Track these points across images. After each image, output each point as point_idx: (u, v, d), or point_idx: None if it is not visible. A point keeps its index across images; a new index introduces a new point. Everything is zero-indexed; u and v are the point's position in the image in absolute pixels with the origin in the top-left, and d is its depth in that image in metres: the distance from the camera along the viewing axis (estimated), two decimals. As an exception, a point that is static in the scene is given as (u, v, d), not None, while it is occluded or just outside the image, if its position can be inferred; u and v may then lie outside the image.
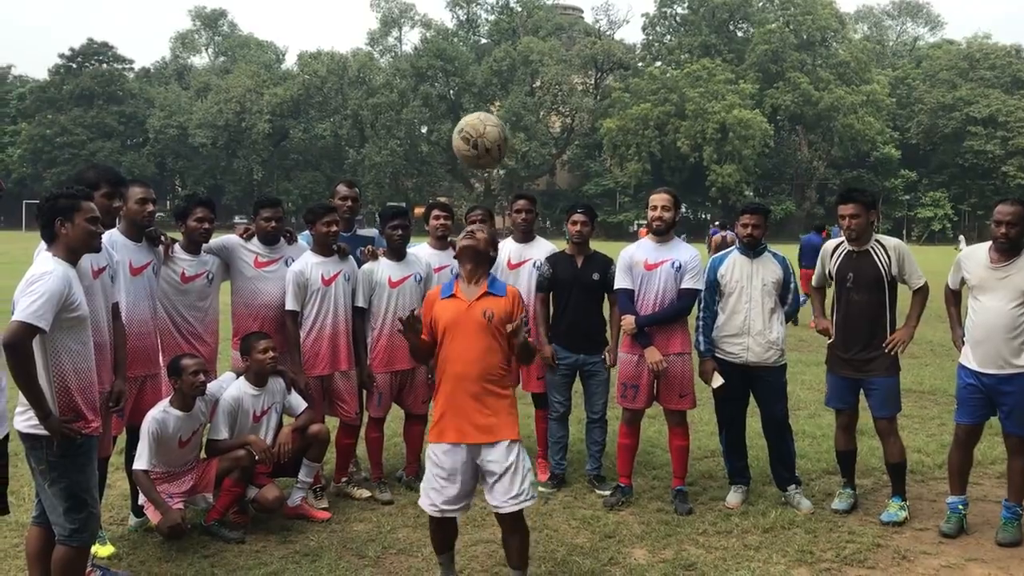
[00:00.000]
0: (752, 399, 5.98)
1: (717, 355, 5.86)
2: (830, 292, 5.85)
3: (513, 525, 4.31)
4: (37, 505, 4.10)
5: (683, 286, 5.80)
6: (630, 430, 5.98)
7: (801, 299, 6.23)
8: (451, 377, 4.24)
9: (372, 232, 6.70)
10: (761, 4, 70.77)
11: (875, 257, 5.53)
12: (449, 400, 4.24)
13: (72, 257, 3.93)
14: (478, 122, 5.10)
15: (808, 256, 14.80)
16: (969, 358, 5.29)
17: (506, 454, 4.19)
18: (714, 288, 5.88)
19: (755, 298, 5.78)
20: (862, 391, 5.65)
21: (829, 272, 5.76)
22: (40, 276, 3.73)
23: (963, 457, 5.42)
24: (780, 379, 5.88)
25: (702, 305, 5.91)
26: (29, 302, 3.65)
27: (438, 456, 4.24)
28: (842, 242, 5.71)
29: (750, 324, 5.75)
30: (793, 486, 5.89)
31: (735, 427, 6.00)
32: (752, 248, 5.87)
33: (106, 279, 4.48)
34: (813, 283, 6.04)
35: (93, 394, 3.97)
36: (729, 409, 5.96)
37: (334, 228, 5.78)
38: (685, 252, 5.87)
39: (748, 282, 5.80)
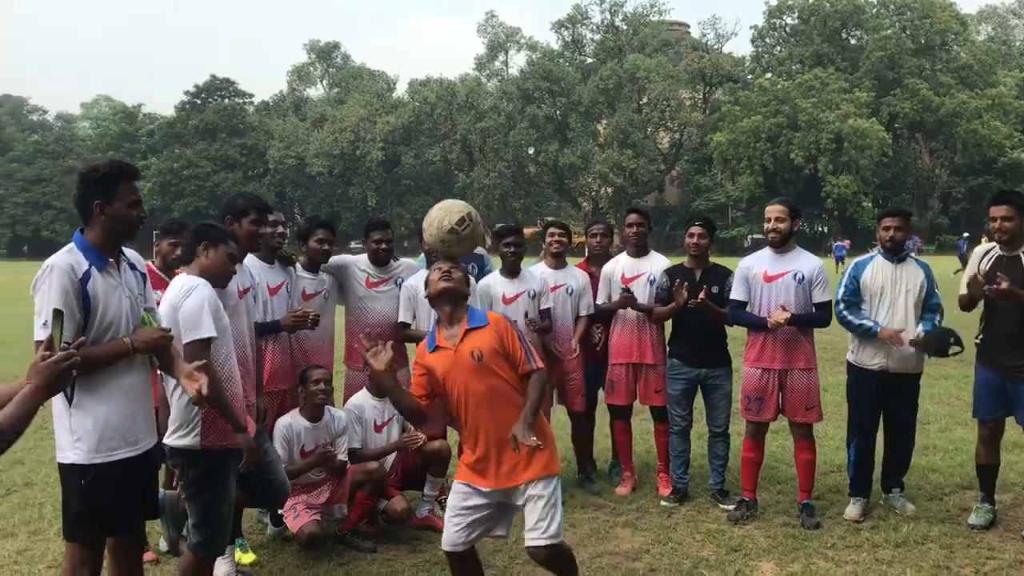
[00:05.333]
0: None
1: (854, 363, 5.75)
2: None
3: (546, 562, 4.09)
4: None
5: (815, 301, 5.70)
6: (754, 443, 5.91)
7: None
8: (472, 420, 4.05)
9: (481, 251, 6.88)
10: (875, 11, 68.53)
11: None
12: (474, 442, 4.07)
13: (213, 281, 4.15)
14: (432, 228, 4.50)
15: None
16: None
17: (529, 490, 4.01)
18: (855, 294, 5.76)
19: (898, 304, 5.65)
20: (1010, 402, 5.41)
21: (979, 275, 5.54)
22: (187, 293, 3.96)
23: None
24: (914, 388, 5.76)
25: (842, 307, 5.78)
26: (193, 320, 3.88)
27: (459, 491, 4.11)
28: (993, 247, 5.51)
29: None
30: (897, 490, 5.83)
31: (867, 437, 5.86)
32: (895, 252, 5.74)
33: (250, 299, 4.78)
34: (960, 290, 5.71)
35: (239, 406, 4.17)
36: (864, 418, 5.83)
37: None
38: (808, 262, 5.77)
39: (892, 288, 5.67)
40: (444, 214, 4.46)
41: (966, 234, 39.57)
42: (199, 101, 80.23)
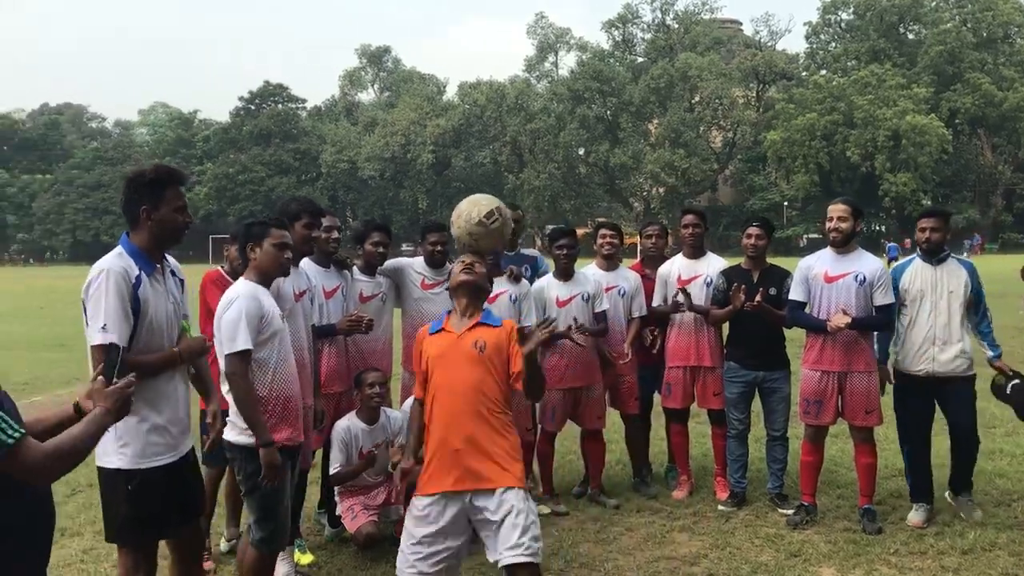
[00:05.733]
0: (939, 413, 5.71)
1: (899, 369, 5.64)
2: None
3: None
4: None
5: (877, 303, 5.59)
6: (813, 447, 5.81)
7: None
8: (440, 416, 3.83)
9: (534, 252, 6.87)
10: (934, 4, 67.13)
11: None
12: (439, 444, 3.79)
13: (264, 279, 4.19)
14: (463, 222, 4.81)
15: None
16: None
17: (500, 502, 3.69)
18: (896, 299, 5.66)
19: (940, 307, 5.53)
20: None
21: None
22: (228, 304, 4.00)
23: None
24: (968, 390, 5.58)
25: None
26: (230, 332, 3.93)
27: (420, 510, 3.78)
28: None
29: (935, 334, 5.50)
30: (966, 494, 5.67)
31: (920, 443, 5.73)
32: (934, 254, 5.61)
33: (306, 302, 4.84)
34: None
35: (294, 407, 4.22)
36: (913, 424, 5.70)
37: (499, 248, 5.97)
38: (870, 264, 5.66)
39: (932, 290, 5.55)
40: (472, 207, 4.45)
41: (977, 236, 38.90)
42: (253, 107, 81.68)
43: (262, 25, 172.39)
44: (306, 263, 5.28)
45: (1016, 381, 5.49)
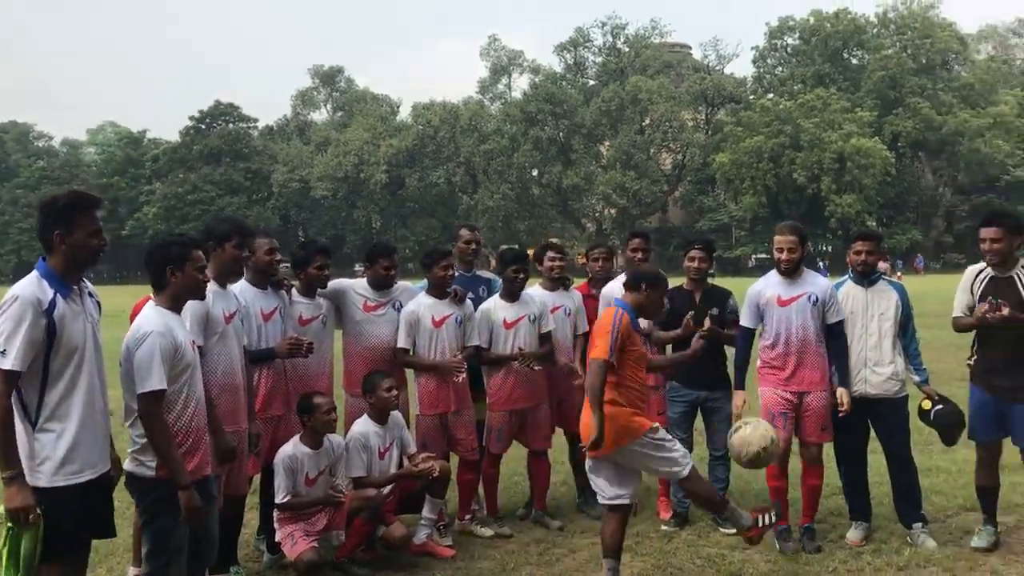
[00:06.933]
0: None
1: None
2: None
3: None
4: None
5: (829, 322, 5.65)
6: (780, 470, 5.66)
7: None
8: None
9: (490, 275, 6.88)
10: (876, 31, 68.89)
11: (1020, 283, 5.30)
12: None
13: (176, 306, 4.08)
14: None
15: None
16: None
17: None
18: None
19: (871, 328, 5.63)
20: (1006, 423, 5.38)
21: (971, 296, 5.51)
22: (140, 339, 3.84)
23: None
24: (901, 412, 5.68)
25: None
26: (144, 372, 3.78)
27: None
28: (985, 267, 5.49)
29: (867, 355, 5.60)
30: (919, 524, 5.64)
31: (855, 463, 5.80)
32: (866, 276, 5.72)
33: (237, 324, 4.78)
34: (954, 312, 5.65)
35: (202, 438, 4.09)
36: (850, 444, 5.77)
37: (450, 272, 5.97)
38: (821, 284, 5.74)
39: (863, 312, 5.65)
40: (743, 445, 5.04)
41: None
42: (203, 126, 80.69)
43: (214, 44, 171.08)
44: (242, 284, 5.22)
45: (940, 406, 5.60)
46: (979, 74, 66.46)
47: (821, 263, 50.47)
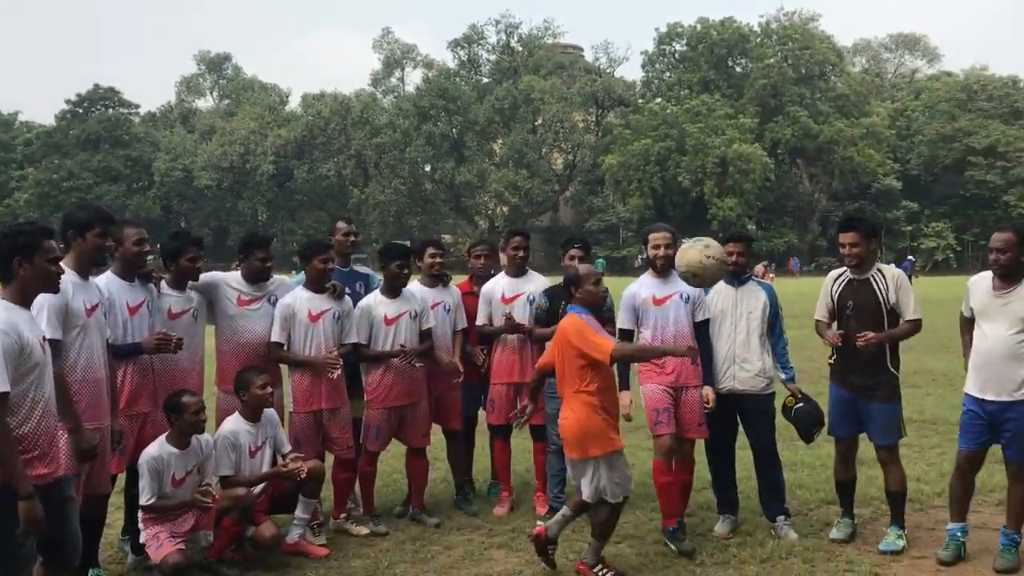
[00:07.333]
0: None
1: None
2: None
3: None
4: None
5: (697, 320, 5.82)
6: (666, 464, 5.71)
7: None
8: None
9: (368, 270, 6.82)
10: (759, 40, 71.33)
11: (875, 286, 5.57)
12: None
13: (24, 300, 3.79)
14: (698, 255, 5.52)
15: None
16: (971, 385, 5.31)
17: None
18: None
19: (740, 326, 5.84)
20: (862, 420, 5.66)
21: (831, 299, 5.78)
22: None
23: (964, 484, 5.41)
24: (767, 408, 5.90)
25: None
26: None
27: None
28: (845, 271, 5.75)
29: (735, 352, 5.80)
30: (782, 517, 5.87)
31: (723, 457, 6.02)
32: (737, 276, 5.93)
33: (100, 317, 4.57)
34: (815, 315, 5.94)
35: (51, 442, 3.85)
36: (717, 439, 5.96)
37: (329, 265, 5.87)
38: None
39: (733, 310, 5.86)
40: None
41: (911, 257, 42.64)
42: (81, 110, 77.18)
43: (93, 24, 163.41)
44: (107, 276, 5.00)
45: (802, 404, 5.85)
46: (854, 86, 69.65)
47: None
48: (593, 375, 4.99)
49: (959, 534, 5.36)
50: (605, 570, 5.11)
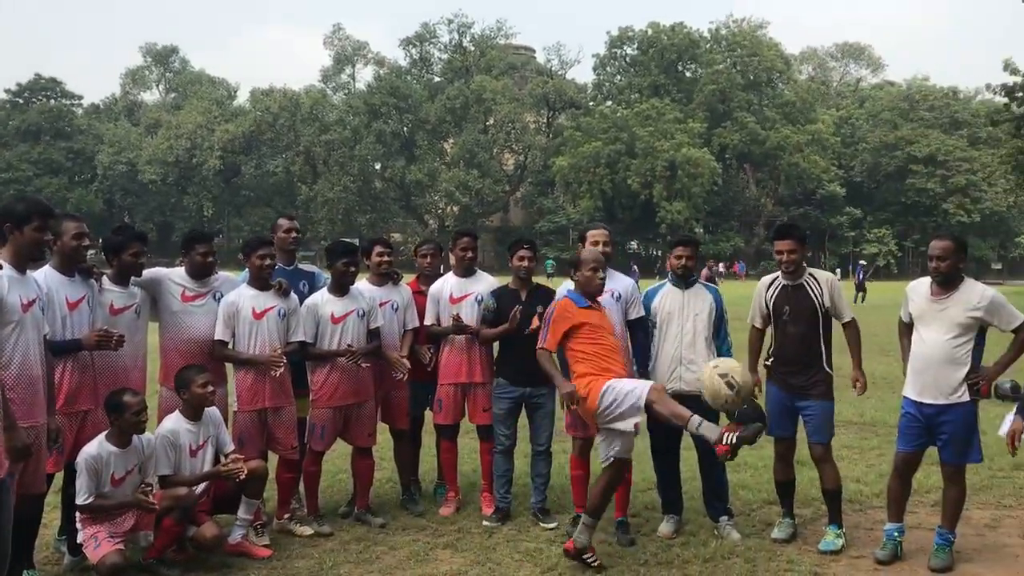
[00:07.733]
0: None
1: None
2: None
3: None
4: None
5: (632, 318, 5.90)
6: (582, 461, 6.00)
7: None
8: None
9: (314, 268, 6.74)
10: (709, 46, 72.25)
11: (809, 290, 5.69)
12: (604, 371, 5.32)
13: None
14: (742, 370, 5.37)
15: None
16: (909, 388, 5.43)
17: None
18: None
19: (687, 328, 5.91)
20: (801, 420, 5.77)
21: (765, 306, 5.88)
22: None
23: (901, 485, 5.54)
24: (712, 410, 5.96)
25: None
26: None
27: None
28: (777, 276, 5.86)
29: (681, 353, 5.87)
30: (725, 517, 5.96)
31: (668, 458, 6.09)
32: (684, 279, 6.01)
33: (37, 312, 4.44)
34: (750, 321, 6.05)
35: None
36: (661, 440, 6.02)
37: (268, 261, 5.80)
38: (622, 282, 5.99)
39: (680, 312, 5.93)
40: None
41: (862, 262, 43.59)
42: (21, 100, 75.35)
43: (35, 13, 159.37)
44: (45, 270, 4.88)
45: (744, 407, 5.91)
46: (800, 93, 70.96)
47: (634, 266, 52.96)
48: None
49: (896, 534, 5.48)
50: (594, 558, 5.22)
